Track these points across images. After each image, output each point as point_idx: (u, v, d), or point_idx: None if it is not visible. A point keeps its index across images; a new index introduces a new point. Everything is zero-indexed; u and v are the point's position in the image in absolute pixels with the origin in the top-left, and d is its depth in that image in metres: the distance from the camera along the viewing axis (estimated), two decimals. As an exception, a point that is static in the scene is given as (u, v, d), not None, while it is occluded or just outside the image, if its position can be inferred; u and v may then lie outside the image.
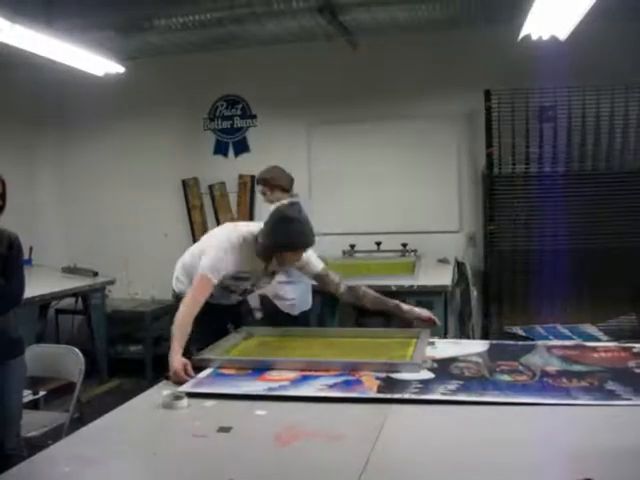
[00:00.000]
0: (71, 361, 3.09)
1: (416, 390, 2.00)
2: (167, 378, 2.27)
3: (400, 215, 5.42)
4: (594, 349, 2.50)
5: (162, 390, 2.09)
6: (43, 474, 1.58)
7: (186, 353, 2.37)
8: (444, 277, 4.48)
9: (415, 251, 5.22)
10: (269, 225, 2.62)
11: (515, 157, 4.86)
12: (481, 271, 5.20)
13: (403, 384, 2.06)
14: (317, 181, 5.60)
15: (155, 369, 5.35)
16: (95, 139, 6.12)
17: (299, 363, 2.30)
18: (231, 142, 5.89)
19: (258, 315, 4.38)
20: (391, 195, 5.45)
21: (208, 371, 2.28)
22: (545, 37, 3.53)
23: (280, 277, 3.68)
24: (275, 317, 3.79)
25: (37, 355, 3.25)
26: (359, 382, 2.10)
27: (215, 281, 2.59)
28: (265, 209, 3.49)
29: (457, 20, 4.59)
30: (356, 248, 5.38)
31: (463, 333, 4.67)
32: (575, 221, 4.65)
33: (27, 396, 3.37)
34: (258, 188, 4.01)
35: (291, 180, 3.97)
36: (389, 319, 4.97)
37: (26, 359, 3.20)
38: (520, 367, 2.25)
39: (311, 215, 3.40)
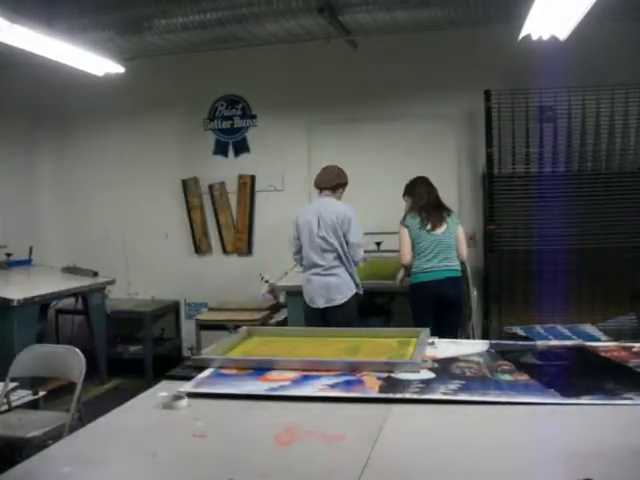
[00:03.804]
0: (71, 361, 3.09)
1: (417, 390, 2.00)
2: (168, 378, 2.27)
3: (400, 215, 5.41)
4: (594, 349, 2.50)
5: (162, 390, 2.09)
6: (43, 474, 1.58)
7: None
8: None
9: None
10: None
11: (515, 157, 4.87)
12: (481, 271, 5.20)
13: (404, 384, 2.06)
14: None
15: (155, 369, 5.36)
16: (95, 139, 6.12)
17: (300, 363, 2.29)
18: (231, 142, 5.89)
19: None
20: (391, 195, 5.44)
21: (208, 371, 2.28)
22: (545, 37, 3.53)
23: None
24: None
25: (37, 355, 3.25)
26: (360, 382, 2.10)
27: None
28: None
29: (457, 20, 4.59)
30: (356, 248, 5.37)
31: (463, 333, 4.67)
32: (575, 221, 4.65)
33: (27, 396, 3.38)
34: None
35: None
36: (389, 319, 4.98)
37: (26, 359, 3.22)
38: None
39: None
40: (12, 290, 4.64)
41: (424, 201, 4.28)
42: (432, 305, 4.05)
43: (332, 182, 4.22)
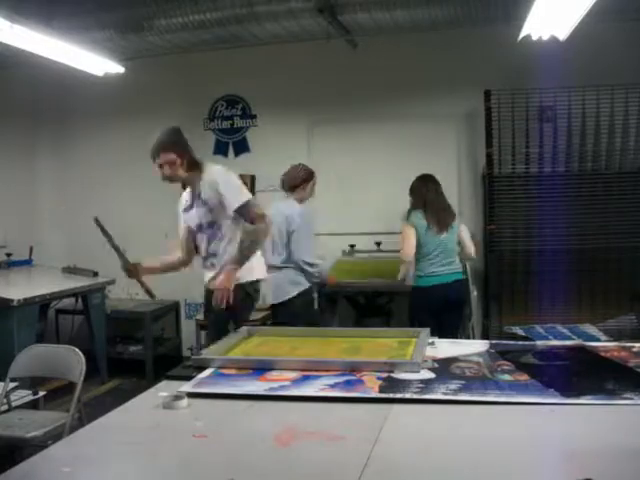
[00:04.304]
0: (71, 361, 3.09)
1: (417, 390, 2.00)
2: (168, 378, 2.27)
3: (400, 215, 5.41)
4: (594, 349, 2.50)
5: (162, 390, 2.09)
6: (43, 474, 1.58)
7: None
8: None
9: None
10: None
11: (515, 157, 4.87)
12: (481, 271, 5.20)
13: (404, 384, 2.06)
14: (317, 181, 5.59)
15: (155, 369, 5.36)
16: (95, 139, 6.12)
17: (300, 363, 2.29)
18: (231, 142, 5.89)
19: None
20: (391, 195, 5.45)
21: (208, 371, 2.27)
22: (545, 37, 3.54)
23: None
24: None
25: (37, 355, 3.26)
26: (360, 382, 2.10)
27: None
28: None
29: (457, 20, 4.59)
30: (356, 248, 5.38)
31: (463, 333, 4.67)
32: (575, 221, 4.65)
33: (27, 396, 3.38)
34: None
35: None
36: (389, 319, 4.99)
37: (26, 359, 3.22)
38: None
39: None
40: (12, 290, 4.64)
41: (427, 199, 4.22)
42: (435, 308, 4.03)
43: (286, 185, 4.23)
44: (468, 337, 4.54)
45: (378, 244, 5.28)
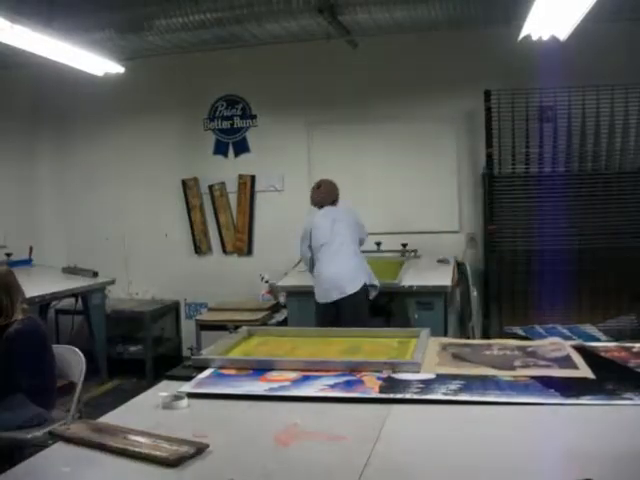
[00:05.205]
0: (71, 361, 3.09)
1: (418, 390, 2.00)
2: (168, 378, 2.27)
3: (400, 215, 5.42)
4: (594, 349, 2.49)
5: (162, 390, 2.09)
6: (43, 474, 1.58)
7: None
8: (444, 277, 4.49)
9: (415, 251, 5.22)
10: None
11: (515, 157, 4.87)
12: (481, 271, 5.20)
13: (404, 384, 2.06)
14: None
15: (155, 369, 5.36)
16: (95, 139, 6.12)
17: (300, 363, 2.30)
18: (231, 142, 5.89)
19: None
20: (391, 195, 5.45)
21: (208, 371, 2.28)
22: (545, 37, 3.53)
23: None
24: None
25: (37, 355, 3.24)
26: (360, 382, 2.10)
27: None
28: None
29: (457, 20, 4.59)
30: (356, 248, 5.37)
31: (463, 333, 4.67)
32: (575, 221, 4.65)
33: (27, 396, 3.37)
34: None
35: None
36: (389, 319, 4.98)
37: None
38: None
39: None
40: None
41: None
42: None
43: (332, 197, 4.37)
44: (468, 337, 4.54)
45: (378, 244, 5.28)
